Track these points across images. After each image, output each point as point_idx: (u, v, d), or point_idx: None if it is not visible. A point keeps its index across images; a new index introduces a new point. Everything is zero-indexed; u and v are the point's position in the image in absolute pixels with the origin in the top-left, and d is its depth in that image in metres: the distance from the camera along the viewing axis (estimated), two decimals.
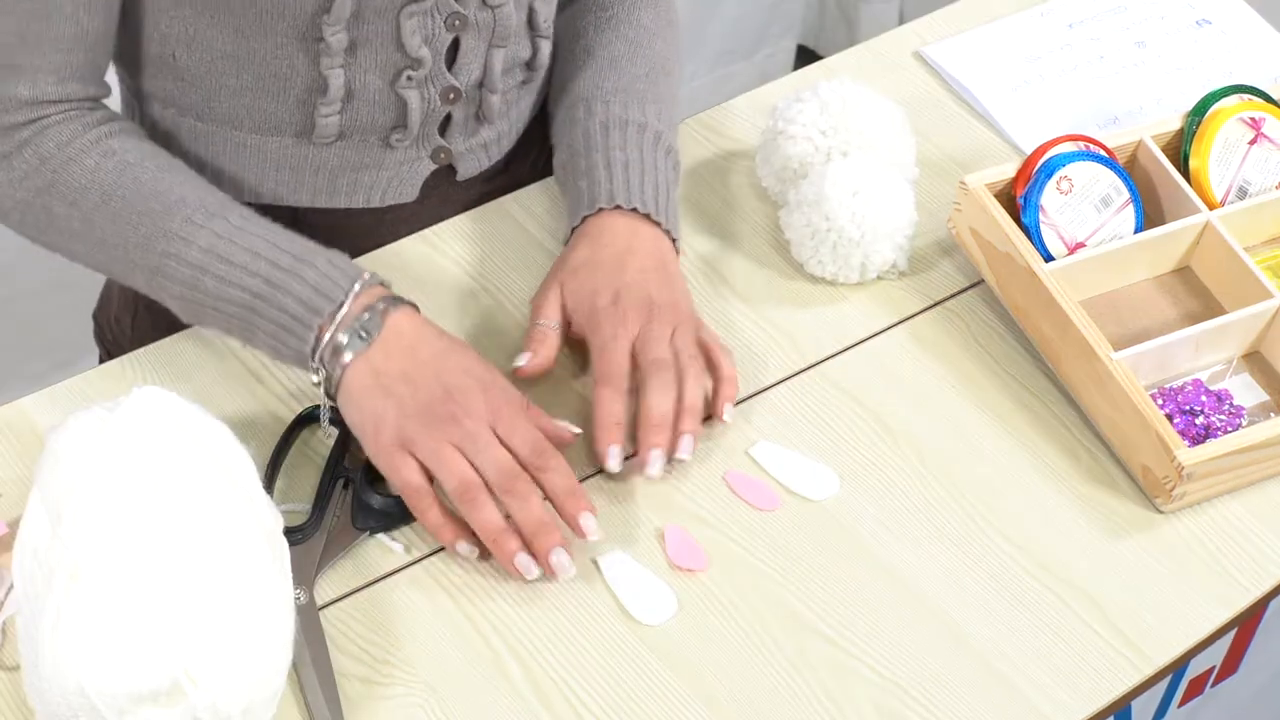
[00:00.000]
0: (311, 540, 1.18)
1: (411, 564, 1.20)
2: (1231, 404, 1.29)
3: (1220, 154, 1.38)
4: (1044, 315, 1.31)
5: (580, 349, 1.30)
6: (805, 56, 2.96)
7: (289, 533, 1.15)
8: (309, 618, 1.15)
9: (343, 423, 1.22)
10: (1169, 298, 1.38)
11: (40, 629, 1.03)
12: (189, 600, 1.03)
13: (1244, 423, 1.28)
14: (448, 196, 1.44)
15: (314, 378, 1.21)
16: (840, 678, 1.15)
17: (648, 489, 1.24)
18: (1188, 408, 1.28)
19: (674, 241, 1.32)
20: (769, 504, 1.24)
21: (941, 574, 1.21)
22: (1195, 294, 1.38)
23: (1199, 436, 1.27)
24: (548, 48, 1.40)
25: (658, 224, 1.31)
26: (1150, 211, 1.40)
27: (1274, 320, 1.32)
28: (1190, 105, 1.43)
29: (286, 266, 1.21)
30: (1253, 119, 1.39)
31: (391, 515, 1.20)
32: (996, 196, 1.35)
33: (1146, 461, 1.24)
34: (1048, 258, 1.33)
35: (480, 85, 1.37)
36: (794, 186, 1.39)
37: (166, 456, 1.06)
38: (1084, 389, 1.29)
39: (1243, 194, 1.39)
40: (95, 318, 1.57)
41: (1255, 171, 1.39)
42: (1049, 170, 1.34)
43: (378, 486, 1.21)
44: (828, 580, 1.20)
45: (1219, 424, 1.27)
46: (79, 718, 1.02)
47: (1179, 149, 1.41)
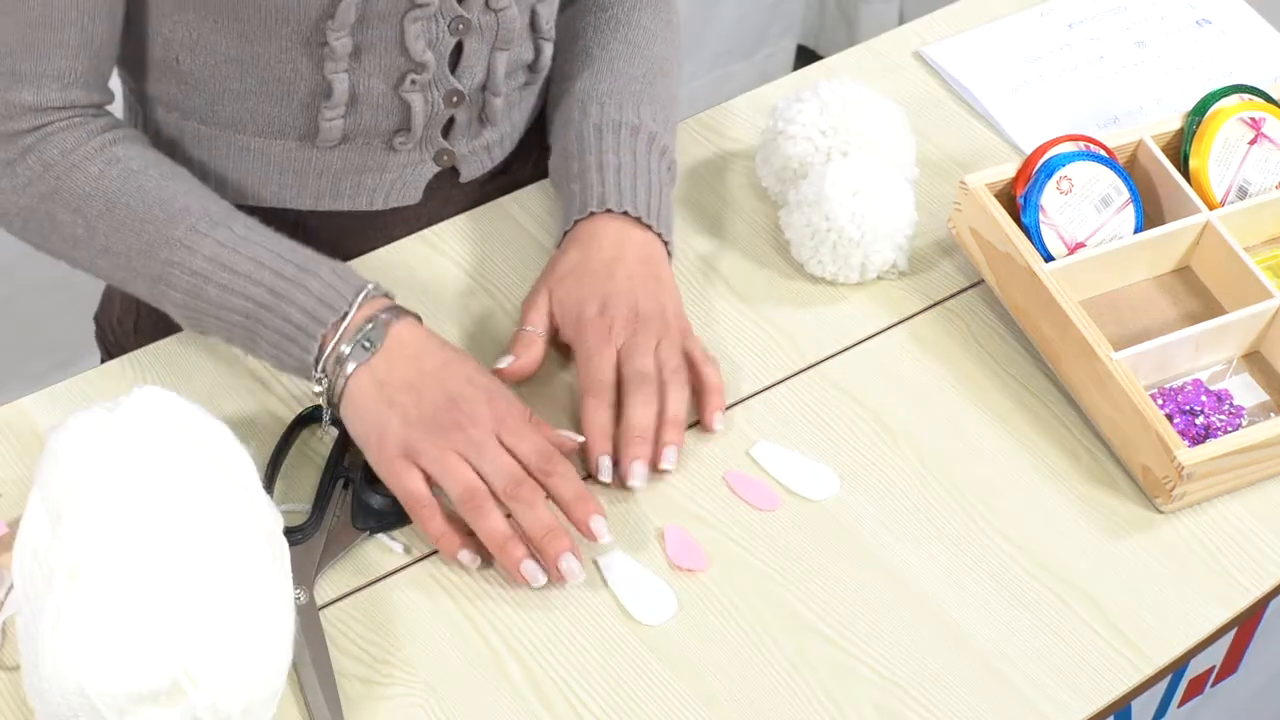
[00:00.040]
0: (311, 540, 1.18)
1: (411, 564, 1.20)
2: (1231, 404, 1.29)
3: (1220, 154, 1.38)
4: (1044, 315, 1.31)
5: (571, 352, 1.30)
6: (805, 56, 2.96)
7: (289, 533, 1.15)
8: (309, 618, 1.15)
9: (343, 424, 1.22)
10: (1169, 298, 1.38)
11: (40, 629, 1.03)
12: (189, 600, 1.03)
13: (1244, 423, 1.28)
14: (450, 198, 1.44)
15: (316, 388, 1.21)
16: (840, 678, 1.15)
17: (648, 489, 1.24)
18: (1188, 408, 1.28)
19: (667, 244, 1.32)
20: (769, 504, 1.24)
21: (941, 574, 1.21)
22: (1195, 294, 1.38)
23: (1199, 436, 1.27)
24: (550, 49, 1.40)
25: (649, 227, 1.31)
26: (1150, 211, 1.40)
27: (1274, 320, 1.32)
28: (1190, 105, 1.43)
29: (290, 276, 1.20)
30: (1253, 119, 1.39)
31: (391, 515, 1.20)
32: (996, 196, 1.35)
33: (1146, 461, 1.24)
34: (1048, 258, 1.33)
35: (483, 88, 1.37)
36: (794, 186, 1.39)
37: (166, 456, 1.06)
38: (1084, 389, 1.29)
39: (1243, 194, 1.39)
40: (97, 319, 1.57)
41: (1255, 171, 1.39)
42: (1049, 170, 1.34)
43: (377, 486, 1.21)
44: (828, 580, 1.20)
45: (1219, 424, 1.27)
46: (79, 718, 1.02)
47: (1179, 149, 1.41)
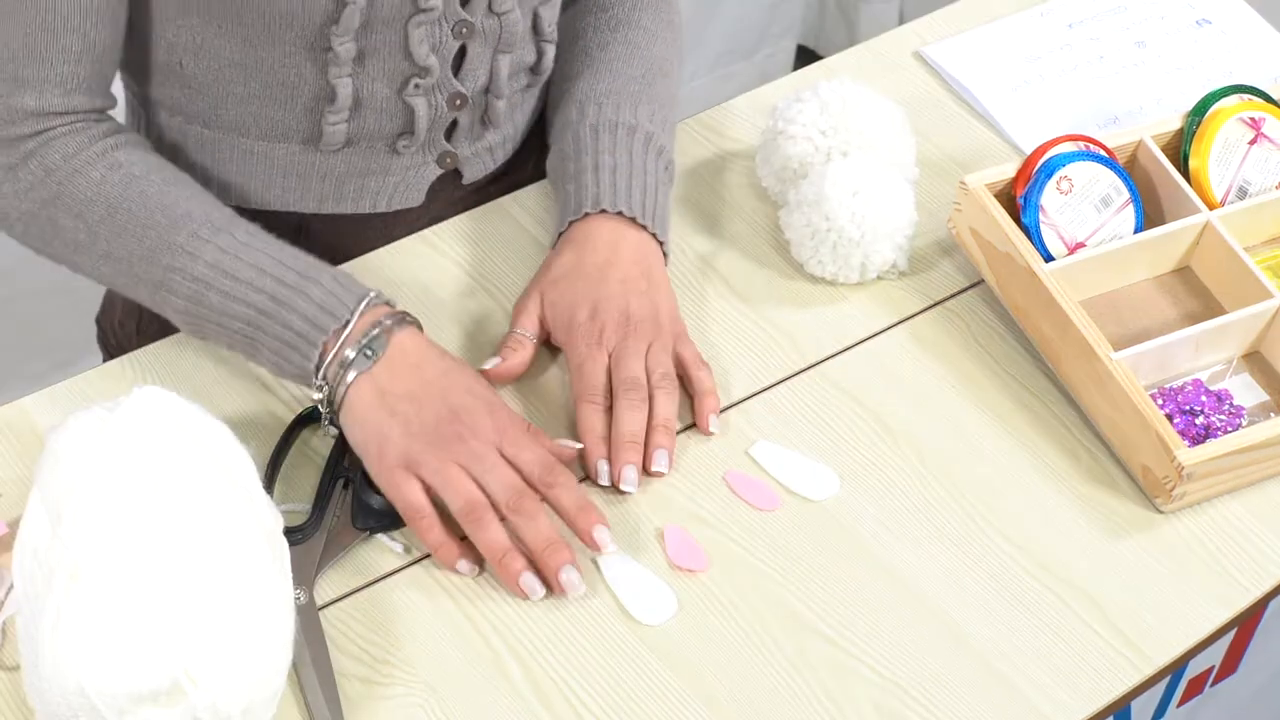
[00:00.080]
0: (311, 540, 1.18)
1: (411, 564, 1.20)
2: (1231, 404, 1.29)
3: (1220, 154, 1.38)
4: (1044, 315, 1.31)
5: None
6: (805, 56, 2.96)
7: (289, 533, 1.15)
8: (309, 618, 1.15)
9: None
10: (1169, 298, 1.38)
11: (40, 629, 1.03)
12: (189, 600, 1.03)
13: (1244, 423, 1.28)
14: (452, 200, 1.44)
15: (316, 395, 1.21)
16: (840, 678, 1.15)
17: (648, 489, 1.24)
18: (1188, 408, 1.28)
19: (662, 245, 1.32)
20: (769, 504, 1.24)
21: (941, 574, 1.21)
22: (1195, 294, 1.38)
23: (1199, 436, 1.27)
24: (552, 52, 1.40)
25: (644, 227, 1.31)
26: (1150, 211, 1.40)
27: (1274, 320, 1.32)
28: (1190, 105, 1.43)
29: (291, 283, 1.20)
30: (1253, 119, 1.39)
31: (391, 516, 1.20)
32: (996, 196, 1.35)
33: (1146, 461, 1.24)
34: (1048, 258, 1.33)
35: (486, 91, 1.37)
36: (794, 186, 1.39)
37: (166, 456, 1.06)
38: (1084, 389, 1.29)
39: (1243, 194, 1.39)
40: (98, 322, 1.56)
41: (1255, 171, 1.39)
42: (1049, 170, 1.34)
43: (377, 487, 1.21)
44: (828, 580, 1.20)
45: (1219, 424, 1.27)
46: (79, 718, 1.02)
47: (1179, 149, 1.41)
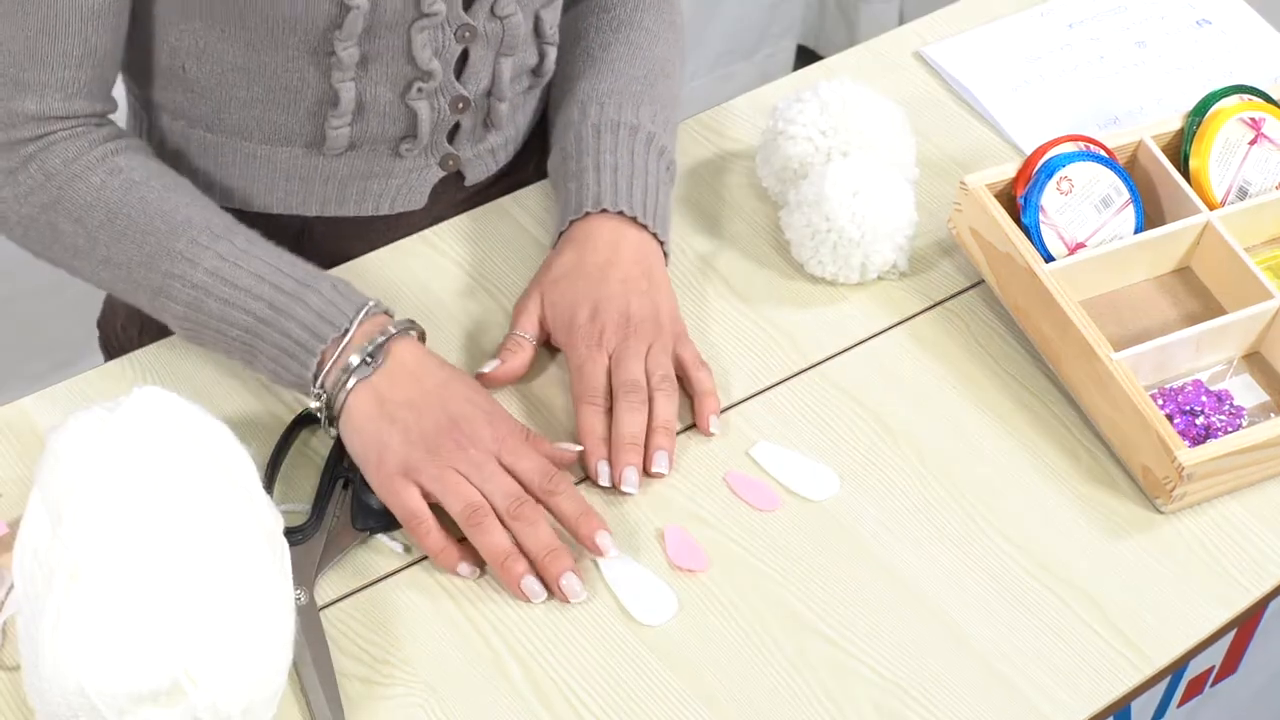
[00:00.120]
0: (311, 541, 1.18)
1: (411, 564, 1.20)
2: (1232, 404, 1.29)
3: (1220, 154, 1.38)
4: (1044, 315, 1.31)
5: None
6: (805, 56, 2.96)
7: (289, 533, 1.15)
8: (310, 618, 1.15)
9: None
10: (1169, 298, 1.38)
11: (40, 629, 1.03)
12: (189, 600, 1.03)
13: (1244, 423, 1.28)
14: (455, 201, 1.44)
15: (314, 403, 1.21)
16: (840, 678, 1.15)
17: (648, 490, 1.24)
18: (1188, 408, 1.28)
19: (663, 245, 1.32)
20: (769, 504, 1.24)
21: (942, 574, 1.21)
22: (1195, 294, 1.38)
23: (1199, 437, 1.26)
24: (554, 54, 1.40)
25: (645, 227, 1.31)
26: (1150, 212, 1.40)
27: (1274, 321, 1.32)
28: (1190, 105, 1.43)
29: (290, 291, 1.20)
30: (1253, 119, 1.39)
31: (391, 516, 1.20)
32: (997, 196, 1.35)
33: (1147, 462, 1.24)
34: (1048, 258, 1.33)
35: (488, 93, 1.37)
36: (794, 187, 1.39)
37: (166, 456, 1.06)
38: (1084, 389, 1.29)
39: (1243, 194, 1.39)
40: (100, 326, 1.56)
41: (1255, 172, 1.39)
42: (1049, 170, 1.34)
43: None
44: (828, 580, 1.20)
45: (1219, 424, 1.27)
46: (79, 718, 1.02)
47: (1179, 149, 1.41)
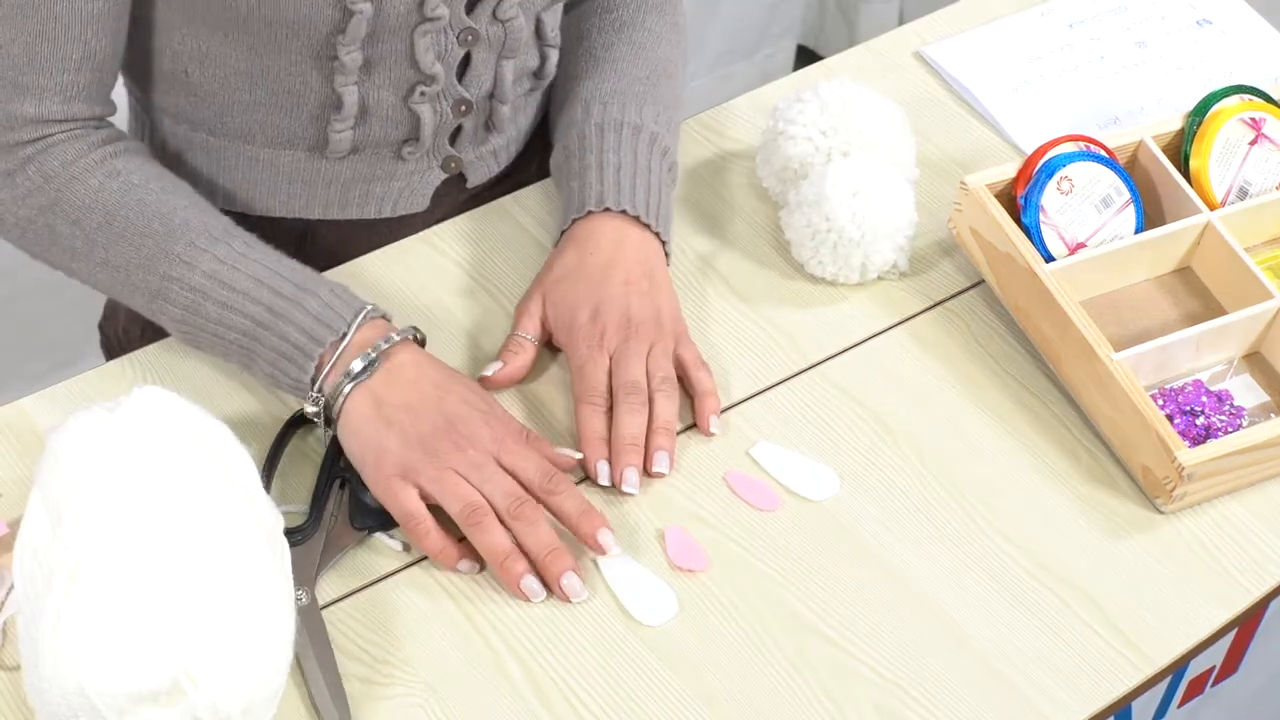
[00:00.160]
0: (311, 541, 1.18)
1: (411, 564, 1.20)
2: (1232, 404, 1.29)
3: (1221, 154, 1.38)
4: (1044, 315, 1.31)
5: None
6: (805, 56, 2.96)
7: (288, 534, 1.14)
8: (312, 618, 1.15)
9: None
10: (1169, 298, 1.38)
11: (40, 629, 1.03)
12: (189, 600, 1.03)
13: (1244, 423, 1.28)
14: (457, 203, 1.45)
15: (311, 408, 1.21)
16: (840, 678, 1.15)
17: (648, 490, 1.24)
18: (1188, 408, 1.28)
19: (665, 244, 1.32)
20: (769, 504, 1.24)
21: (942, 574, 1.21)
22: (1196, 294, 1.38)
23: (1199, 437, 1.26)
24: (555, 56, 1.41)
25: (648, 226, 1.31)
26: (1151, 212, 1.40)
27: (1274, 321, 1.32)
28: (1191, 105, 1.43)
29: (289, 295, 1.20)
30: (1253, 119, 1.39)
31: (389, 515, 1.20)
32: (997, 196, 1.35)
33: (1147, 462, 1.24)
34: (1048, 258, 1.33)
35: (490, 96, 1.38)
36: (794, 187, 1.39)
37: (166, 456, 1.06)
38: (1084, 389, 1.29)
39: (1243, 194, 1.39)
40: (102, 328, 1.56)
41: (1256, 172, 1.39)
42: (1049, 170, 1.34)
43: None
44: (828, 580, 1.20)
45: (1219, 424, 1.27)
46: (79, 718, 1.02)
47: (1179, 149, 1.41)
